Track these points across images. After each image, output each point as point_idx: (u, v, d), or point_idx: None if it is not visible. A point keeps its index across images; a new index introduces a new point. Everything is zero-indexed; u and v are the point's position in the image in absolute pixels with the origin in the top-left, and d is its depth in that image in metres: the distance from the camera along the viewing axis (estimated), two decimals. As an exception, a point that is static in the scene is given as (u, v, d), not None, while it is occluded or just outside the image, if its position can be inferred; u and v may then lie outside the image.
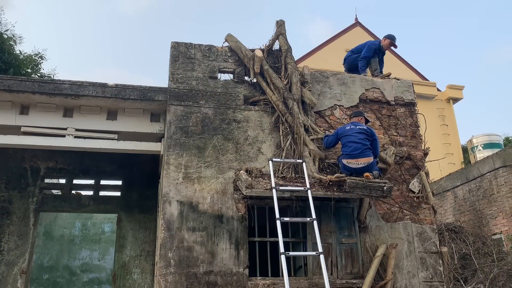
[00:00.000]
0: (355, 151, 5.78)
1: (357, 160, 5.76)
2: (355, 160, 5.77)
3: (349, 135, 5.91)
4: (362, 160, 5.76)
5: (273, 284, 5.58)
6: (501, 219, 10.80)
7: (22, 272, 7.48)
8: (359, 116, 6.30)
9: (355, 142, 5.82)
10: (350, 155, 5.79)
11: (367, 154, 5.79)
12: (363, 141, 5.84)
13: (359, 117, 6.27)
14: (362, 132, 5.92)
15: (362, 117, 6.30)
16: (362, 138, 5.86)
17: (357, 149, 5.78)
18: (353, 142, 5.83)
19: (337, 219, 6.14)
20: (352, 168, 5.79)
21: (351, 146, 5.81)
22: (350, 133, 5.91)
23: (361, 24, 19.88)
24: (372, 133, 6.01)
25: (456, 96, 19.14)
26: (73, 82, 6.52)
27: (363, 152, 5.78)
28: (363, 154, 5.78)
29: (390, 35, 8.09)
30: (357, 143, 5.81)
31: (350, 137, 5.89)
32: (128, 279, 7.93)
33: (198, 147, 6.10)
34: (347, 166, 5.81)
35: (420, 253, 6.36)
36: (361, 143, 5.81)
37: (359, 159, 5.76)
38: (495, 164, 11.05)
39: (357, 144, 5.81)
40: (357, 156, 5.77)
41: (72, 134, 6.68)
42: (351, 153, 5.79)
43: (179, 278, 5.42)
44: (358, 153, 5.77)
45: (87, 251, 11.20)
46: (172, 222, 5.66)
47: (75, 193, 8.49)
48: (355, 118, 6.26)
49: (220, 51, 6.79)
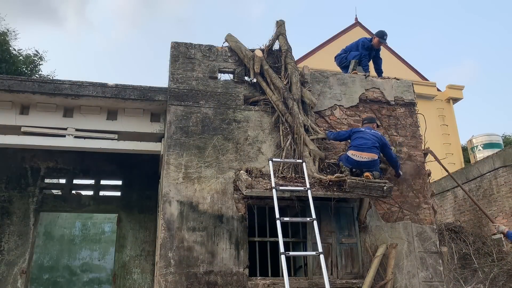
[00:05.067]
0: (363, 145, 5.89)
1: (362, 153, 5.85)
2: (360, 153, 5.85)
3: (362, 131, 6.08)
4: (366, 155, 5.83)
5: (273, 284, 5.58)
6: (501, 219, 10.79)
7: (22, 272, 7.49)
8: (372, 123, 6.43)
9: (365, 139, 5.95)
10: (357, 147, 5.89)
11: (373, 151, 5.90)
12: (373, 140, 5.96)
13: (372, 124, 6.40)
14: (375, 136, 6.06)
15: (374, 124, 6.43)
16: (373, 140, 5.98)
17: (365, 144, 5.90)
18: (363, 138, 5.97)
19: (337, 219, 6.14)
20: (355, 160, 5.83)
21: (361, 140, 5.95)
22: (363, 133, 6.06)
23: (361, 24, 19.85)
24: (384, 142, 6.12)
25: (456, 96, 19.11)
26: (73, 82, 6.52)
27: (370, 148, 5.89)
28: (369, 149, 5.88)
29: (378, 32, 8.01)
30: (367, 139, 5.94)
31: (362, 133, 6.04)
32: (128, 279, 7.93)
33: (198, 147, 6.10)
34: (351, 158, 5.86)
35: (420, 253, 6.36)
36: (371, 141, 5.94)
37: (364, 153, 5.85)
38: (495, 164, 11.05)
39: (367, 140, 5.94)
40: (363, 149, 5.87)
41: (72, 134, 6.69)
42: (358, 145, 5.90)
43: (179, 278, 5.42)
44: (366, 147, 5.88)
45: (87, 251, 11.21)
46: (172, 222, 5.66)
47: (75, 193, 8.49)
48: (369, 124, 6.37)
49: (220, 51, 6.79)
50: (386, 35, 7.97)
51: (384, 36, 7.96)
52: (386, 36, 7.98)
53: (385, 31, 7.98)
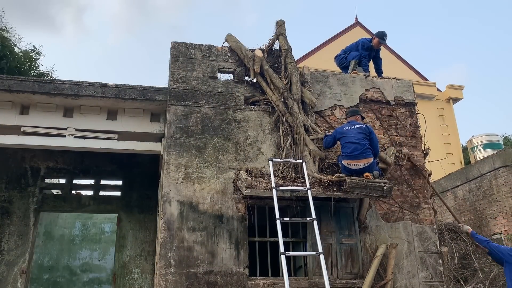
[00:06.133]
0: (355, 152, 5.75)
1: (357, 161, 5.75)
2: (355, 161, 5.75)
3: (347, 136, 5.89)
4: (362, 161, 5.74)
5: (273, 284, 5.58)
6: (501, 219, 10.79)
7: (22, 272, 7.48)
8: (355, 115, 6.25)
9: (354, 143, 5.79)
10: (350, 156, 5.77)
11: (367, 154, 5.77)
12: (362, 141, 5.81)
13: (355, 116, 6.22)
14: (361, 132, 5.89)
15: (358, 116, 6.26)
16: (361, 138, 5.83)
17: (357, 149, 5.76)
18: (352, 142, 5.80)
19: (337, 219, 6.14)
20: (352, 169, 5.78)
21: (351, 146, 5.79)
22: (349, 134, 5.89)
23: (361, 24, 19.85)
24: (369, 131, 5.98)
25: (456, 96, 19.11)
26: (73, 82, 6.52)
27: (363, 153, 5.76)
28: (363, 154, 5.75)
29: (378, 33, 8.02)
30: (357, 143, 5.78)
31: (349, 137, 5.86)
32: (128, 279, 7.93)
33: (198, 147, 6.10)
34: (348, 167, 5.80)
35: (420, 253, 6.36)
36: (361, 143, 5.79)
37: (359, 160, 5.74)
38: (495, 164, 11.05)
39: (357, 144, 5.78)
40: (357, 157, 5.75)
41: (72, 134, 6.69)
42: (351, 154, 5.77)
43: (179, 278, 5.42)
44: (358, 153, 5.75)
45: (87, 251, 11.20)
46: (172, 222, 5.66)
47: (75, 193, 8.49)
48: (352, 117, 6.22)
49: (220, 51, 6.79)
50: (386, 36, 7.97)
51: (384, 37, 7.96)
52: (386, 36, 7.98)
53: (385, 31, 7.98)
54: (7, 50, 12.92)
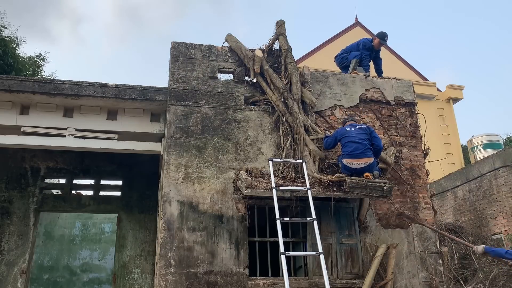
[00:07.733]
0: (356, 151, 5.75)
1: (358, 160, 5.75)
2: (356, 160, 5.75)
3: (349, 135, 5.89)
4: (363, 161, 5.74)
5: (273, 284, 5.58)
6: (501, 219, 10.79)
7: (22, 272, 7.49)
8: (350, 121, 6.25)
9: (356, 142, 5.80)
10: (351, 155, 5.77)
11: (368, 154, 5.78)
12: (363, 141, 5.82)
13: (351, 122, 6.23)
14: (362, 132, 5.91)
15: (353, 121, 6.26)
16: (363, 138, 5.85)
17: (358, 149, 5.76)
18: (353, 142, 5.81)
19: (337, 219, 6.14)
20: (353, 168, 5.77)
21: (352, 146, 5.79)
22: (350, 134, 5.90)
23: (361, 24, 19.86)
24: (371, 130, 6.01)
25: (456, 96, 19.12)
26: (73, 82, 6.52)
27: (364, 152, 5.76)
28: (364, 154, 5.76)
29: (379, 33, 8.03)
30: (358, 143, 5.79)
31: (351, 137, 5.87)
32: (128, 279, 7.93)
33: (198, 147, 6.10)
34: (348, 166, 5.79)
35: (420, 253, 6.36)
36: (362, 143, 5.79)
37: (360, 159, 5.74)
38: (495, 164, 11.05)
39: (358, 144, 5.79)
40: (357, 156, 5.75)
41: (72, 134, 6.68)
42: (352, 153, 5.77)
43: (179, 278, 5.42)
44: (359, 153, 5.75)
45: (87, 251, 11.21)
46: (172, 222, 5.66)
47: (75, 193, 8.49)
48: (351, 122, 6.22)
49: (220, 51, 6.79)
50: (386, 36, 7.99)
51: (385, 37, 7.97)
52: (387, 37, 8.00)
53: (386, 32, 7.99)
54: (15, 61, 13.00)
